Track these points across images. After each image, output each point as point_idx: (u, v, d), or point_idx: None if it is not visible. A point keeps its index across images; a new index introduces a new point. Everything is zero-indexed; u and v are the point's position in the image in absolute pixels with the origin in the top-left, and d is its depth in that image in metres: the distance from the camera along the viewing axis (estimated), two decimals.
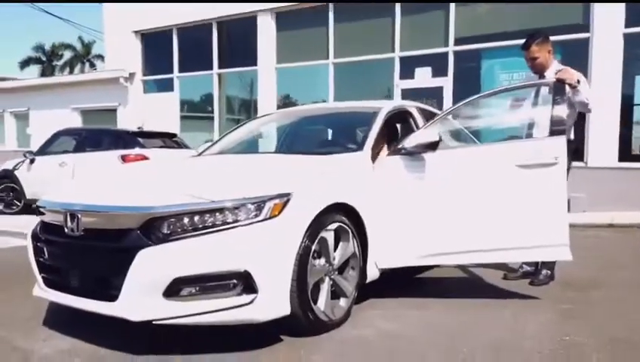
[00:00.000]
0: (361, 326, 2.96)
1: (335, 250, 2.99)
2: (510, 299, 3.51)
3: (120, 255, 2.46)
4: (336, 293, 3.02)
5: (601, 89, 7.51)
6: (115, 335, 2.70)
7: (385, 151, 3.66)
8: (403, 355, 2.54)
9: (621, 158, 7.56)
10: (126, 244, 2.47)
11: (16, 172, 9.03)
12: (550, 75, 3.78)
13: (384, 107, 3.94)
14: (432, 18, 8.94)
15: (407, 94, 9.08)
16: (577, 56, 7.81)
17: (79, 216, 2.62)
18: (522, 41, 3.96)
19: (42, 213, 2.89)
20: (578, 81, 3.51)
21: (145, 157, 7.67)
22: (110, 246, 2.53)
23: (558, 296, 3.55)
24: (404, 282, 3.88)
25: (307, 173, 2.97)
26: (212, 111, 11.25)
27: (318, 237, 2.78)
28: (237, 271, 2.45)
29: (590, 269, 4.32)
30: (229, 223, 2.49)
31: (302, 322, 2.70)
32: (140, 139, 8.47)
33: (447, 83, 8.68)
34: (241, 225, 2.50)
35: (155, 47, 12.17)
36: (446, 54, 8.71)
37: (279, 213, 2.58)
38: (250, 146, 4.29)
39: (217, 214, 2.49)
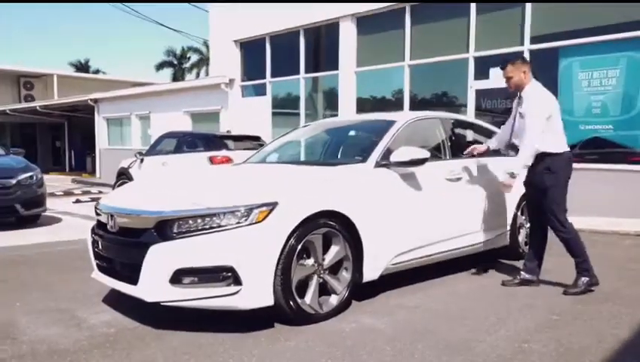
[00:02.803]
0: (347, 320, 3.38)
1: (326, 252, 3.43)
2: (504, 305, 3.68)
3: (139, 248, 3.14)
4: (327, 290, 3.47)
5: None
6: (148, 312, 3.40)
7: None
8: (361, 347, 2.92)
9: None
10: (143, 240, 3.16)
11: (130, 169, 10.55)
12: (527, 93, 4.06)
13: (399, 120, 4.27)
14: (508, 16, 8.75)
15: (481, 95, 9.03)
16: None
17: (115, 216, 3.37)
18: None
19: (98, 214, 3.71)
20: (513, 173, 4.17)
21: (230, 159, 8.58)
22: (134, 241, 3.24)
23: (559, 306, 3.64)
24: (408, 282, 4.19)
25: (297, 184, 3.47)
26: (298, 109, 12.02)
27: (305, 240, 3.24)
28: (224, 266, 3.01)
29: (634, 284, 4.26)
30: (221, 226, 3.06)
31: (286, 312, 3.20)
32: (228, 142, 9.49)
33: None
34: (230, 228, 3.05)
35: (251, 54, 13.22)
36: (521, 53, 8.47)
37: (264, 218, 3.09)
38: (279, 156, 4.85)
39: (213, 218, 3.07)
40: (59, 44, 72.90)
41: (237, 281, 3.02)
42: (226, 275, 3.03)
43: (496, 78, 8.83)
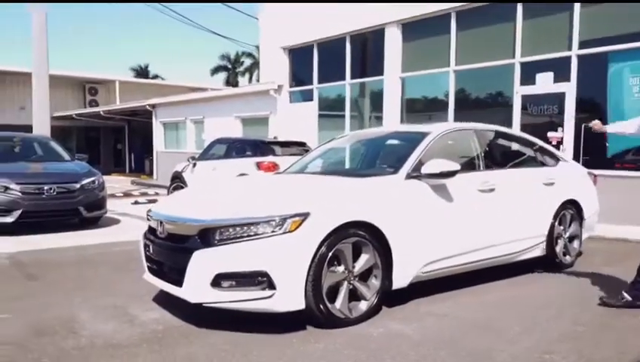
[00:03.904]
0: (375, 325, 3.56)
1: (356, 260, 3.62)
2: (533, 315, 3.74)
3: (184, 253, 3.43)
4: (357, 296, 3.65)
5: None
6: (192, 312, 3.67)
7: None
8: (385, 351, 3.10)
9: None
10: (187, 246, 3.46)
11: (183, 173, 11.10)
12: None
13: (432, 132, 4.40)
14: (555, 21, 8.60)
15: (527, 100, 8.92)
16: None
17: (164, 223, 3.70)
18: None
19: (149, 220, 4.06)
20: None
21: (276, 164, 8.91)
22: (180, 246, 3.55)
23: (587, 316, 3.68)
24: (440, 289, 4.30)
25: (329, 195, 3.69)
26: (344, 114, 12.23)
27: (335, 248, 3.44)
28: (259, 271, 3.26)
29: None
30: (258, 234, 3.31)
31: (317, 316, 3.41)
32: (275, 148, 9.84)
33: (570, 88, 8.30)
34: (266, 237, 3.30)
35: (299, 61, 13.57)
36: (569, 58, 8.33)
37: (297, 228, 3.32)
38: (315, 166, 5.07)
39: (250, 227, 3.33)
40: (121, 49, 76.70)
41: (271, 286, 3.27)
42: (261, 280, 3.28)
43: (542, 84, 8.73)
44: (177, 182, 11.28)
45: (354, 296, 3.63)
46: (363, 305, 3.64)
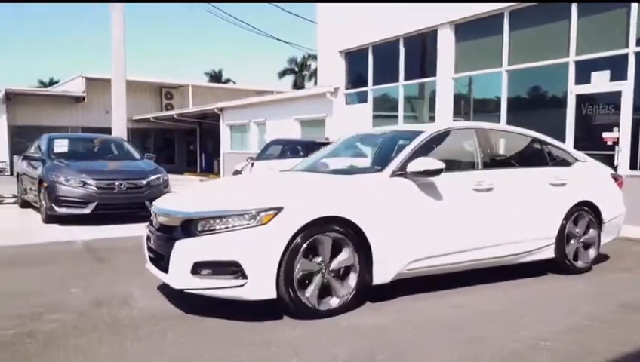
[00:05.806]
0: (363, 316, 3.71)
1: (335, 256, 3.68)
2: (547, 310, 3.86)
3: (169, 242, 3.71)
4: (330, 290, 3.69)
5: None
6: (186, 299, 3.99)
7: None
8: (365, 340, 3.25)
9: None
10: (172, 236, 3.76)
11: (242, 172, 11.75)
12: None
13: (426, 131, 4.44)
14: (611, 18, 8.37)
15: (581, 100, 8.72)
16: None
17: (157, 215, 4.10)
18: None
19: (150, 214, 4.42)
20: None
21: None
22: (167, 236, 3.84)
23: (601, 313, 3.76)
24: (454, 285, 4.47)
25: (305, 191, 3.90)
26: (397, 114, 12.45)
27: (309, 242, 3.55)
28: (231, 261, 3.47)
29: None
30: (233, 226, 3.52)
31: (288, 305, 3.57)
32: None
33: (626, 87, 8.05)
34: (240, 229, 3.51)
35: (354, 63, 13.89)
36: (626, 56, 8.07)
37: (269, 221, 3.49)
38: (314, 165, 5.14)
39: (226, 219, 3.54)
40: (199, 54, 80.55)
41: (243, 275, 3.45)
42: (234, 269, 3.46)
43: (598, 83, 8.52)
44: None
45: (327, 290, 3.68)
46: (334, 302, 3.69)
